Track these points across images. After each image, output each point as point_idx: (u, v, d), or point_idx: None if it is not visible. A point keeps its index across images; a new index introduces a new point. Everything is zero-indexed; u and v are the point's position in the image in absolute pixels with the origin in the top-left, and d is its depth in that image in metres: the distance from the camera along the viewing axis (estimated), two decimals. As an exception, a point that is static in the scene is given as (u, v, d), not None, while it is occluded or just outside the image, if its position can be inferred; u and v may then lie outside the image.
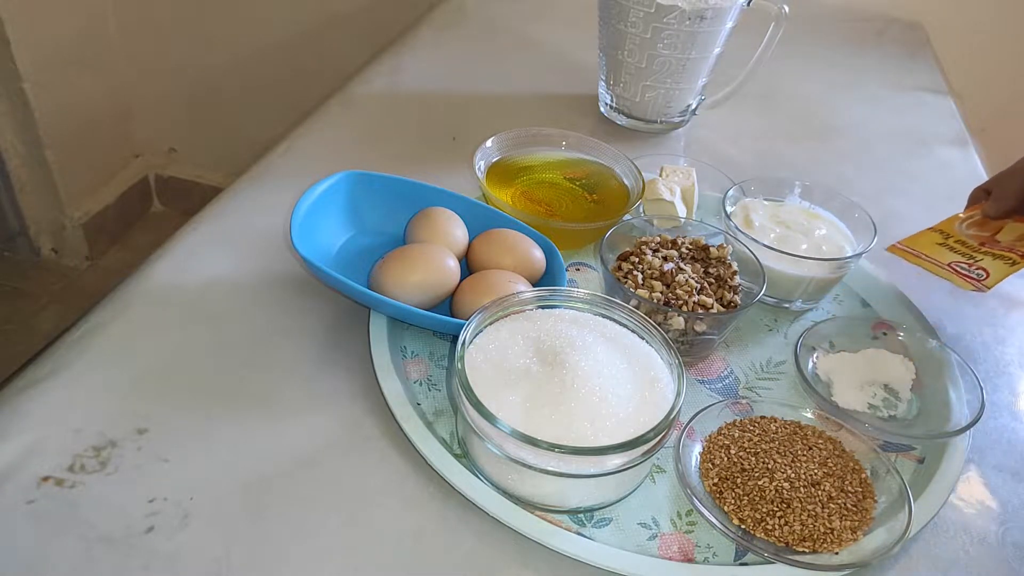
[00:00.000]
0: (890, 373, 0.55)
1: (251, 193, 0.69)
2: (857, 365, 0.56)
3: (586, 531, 0.44)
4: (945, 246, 0.61)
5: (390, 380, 0.50)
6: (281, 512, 0.44)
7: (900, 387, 0.55)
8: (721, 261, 0.57)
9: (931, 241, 0.62)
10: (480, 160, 0.67)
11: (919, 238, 0.62)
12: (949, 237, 0.61)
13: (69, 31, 1.52)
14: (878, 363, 0.56)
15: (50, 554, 0.40)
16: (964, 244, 0.60)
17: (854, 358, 0.56)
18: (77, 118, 1.58)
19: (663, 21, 0.73)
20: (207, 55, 1.64)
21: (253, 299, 0.57)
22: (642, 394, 0.45)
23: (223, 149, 1.74)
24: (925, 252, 0.60)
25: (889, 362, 0.56)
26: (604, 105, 0.86)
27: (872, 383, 0.55)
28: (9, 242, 1.67)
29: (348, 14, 1.50)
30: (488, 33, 1.03)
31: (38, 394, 0.48)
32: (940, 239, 0.61)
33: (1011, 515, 0.49)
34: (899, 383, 0.55)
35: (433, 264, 0.53)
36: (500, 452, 0.43)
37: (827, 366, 0.56)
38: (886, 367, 0.55)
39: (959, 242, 0.60)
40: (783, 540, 0.44)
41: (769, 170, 0.77)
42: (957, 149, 0.89)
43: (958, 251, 0.60)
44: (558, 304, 0.51)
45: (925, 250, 0.60)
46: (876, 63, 1.07)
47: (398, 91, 0.87)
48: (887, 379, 0.55)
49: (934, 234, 0.62)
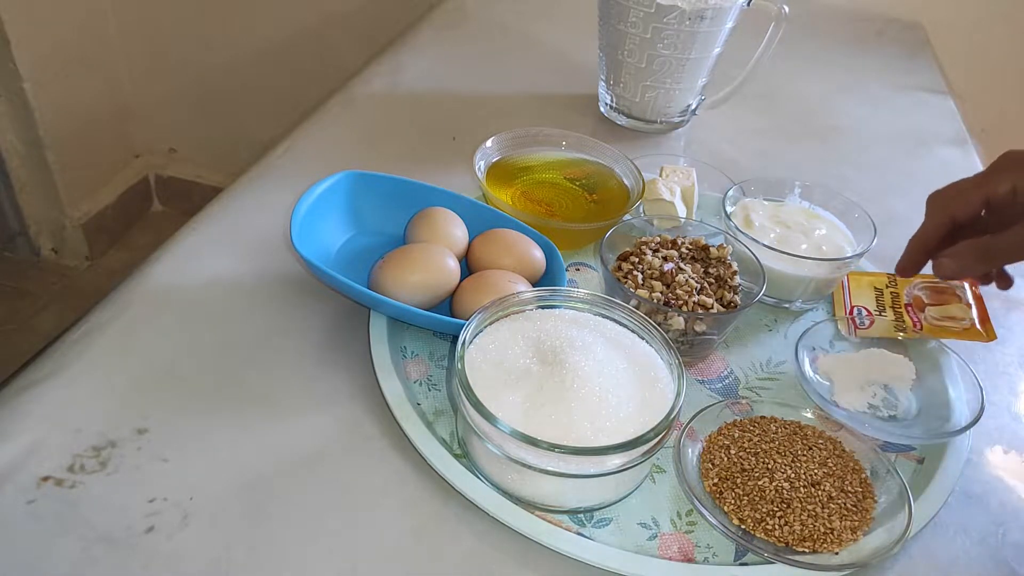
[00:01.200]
0: (890, 373, 0.55)
1: (251, 193, 0.69)
2: (857, 365, 0.56)
3: (586, 531, 0.44)
4: (874, 291, 0.61)
5: (390, 380, 0.50)
6: (281, 512, 0.44)
7: (900, 387, 0.55)
8: (721, 261, 0.57)
9: (869, 284, 0.62)
10: (480, 160, 0.67)
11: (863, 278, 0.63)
12: (888, 287, 0.62)
13: (69, 31, 1.52)
14: (878, 363, 0.56)
15: (50, 554, 0.40)
16: (895, 298, 0.60)
17: (854, 358, 0.56)
18: (77, 118, 1.58)
19: (663, 21, 0.73)
20: (207, 55, 1.64)
21: (253, 299, 0.57)
22: (642, 394, 0.45)
23: (223, 149, 1.74)
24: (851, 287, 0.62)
25: (889, 362, 0.56)
26: (604, 105, 0.86)
27: (872, 383, 0.55)
28: (9, 242, 1.67)
29: (348, 14, 1.50)
30: (488, 33, 1.03)
31: (38, 394, 0.48)
32: (879, 285, 0.62)
33: (1011, 515, 0.49)
34: (899, 383, 0.55)
35: (433, 264, 0.53)
36: (500, 452, 0.43)
37: (827, 366, 0.56)
38: (886, 367, 0.55)
39: (893, 294, 0.61)
40: (783, 540, 0.44)
41: (769, 170, 0.77)
42: (957, 149, 0.89)
43: (879, 301, 0.60)
44: (558, 304, 0.51)
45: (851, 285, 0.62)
46: (876, 63, 1.07)
47: (398, 91, 0.87)
48: (887, 379, 0.55)
49: (879, 278, 0.63)
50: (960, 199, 0.52)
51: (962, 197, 0.52)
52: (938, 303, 0.60)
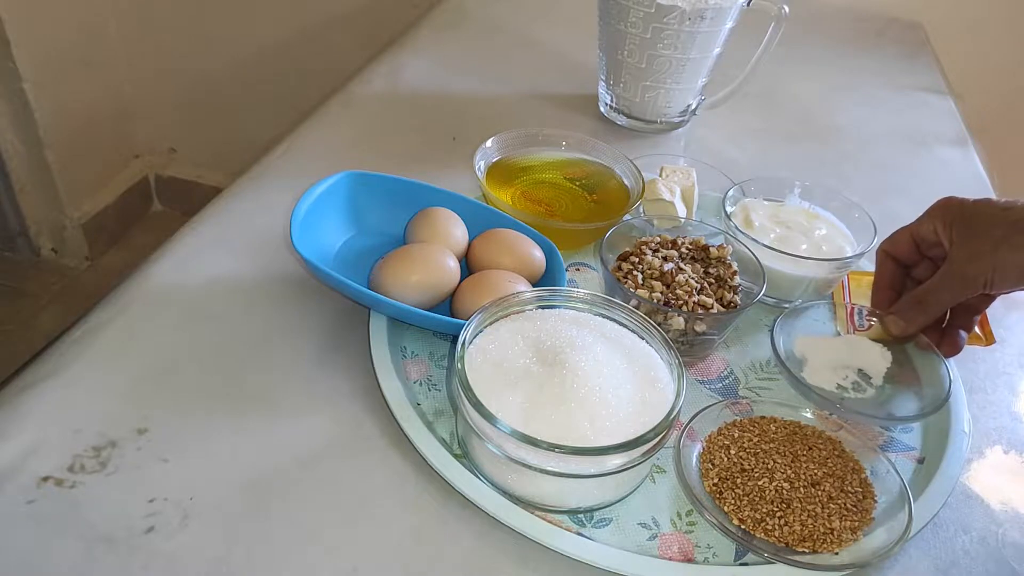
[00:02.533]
0: (865, 359, 0.56)
1: (251, 193, 0.69)
2: (834, 347, 0.56)
3: (586, 531, 0.44)
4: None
5: (390, 380, 0.50)
6: (281, 512, 0.44)
7: (874, 374, 0.55)
8: (721, 261, 0.57)
9: (869, 284, 0.62)
10: (480, 160, 0.67)
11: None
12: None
13: (69, 31, 1.52)
14: (855, 348, 0.56)
15: (50, 554, 0.40)
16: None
17: (833, 341, 0.57)
18: (77, 118, 1.59)
19: (663, 21, 0.73)
20: (207, 55, 1.64)
21: (253, 299, 0.57)
22: (642, 394, 0.45)
23: (223, 149, 1.74)
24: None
25: (867, 349, 0.56)
26: (604, 105, 0.86)
27: (846, 366, 0.55)
28: (9, 242, 1.67)
29: (348, 14, 1.50)
30: (488, 33, 1.03)
31: (38, 394, 0.48)
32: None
33: (1011, 515, 0.49)
34: (873, 369, 0.55)
35: (433, 264, 0.53)
36: (500, 452, 0.43)
37: (804, 345, 0.56)
38: (863, 353, 0.56)
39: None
40: (783, 540, 0.44)
41: (769, 170, 0.77)
42: (957, 149, 0.89)
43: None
44: (558, 304, 0.51)
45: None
46: (876, 63, 1.07)
47: (398, 91, 0.87)
48: (862, 364, 0.55)
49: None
50: (896, 240, 0.56)
51: (898, 238, 0.56)
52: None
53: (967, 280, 0.51)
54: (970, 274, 0.51)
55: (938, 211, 0.54)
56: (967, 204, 0.53)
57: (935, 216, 0.54)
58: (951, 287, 0.52)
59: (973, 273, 0.50)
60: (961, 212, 0.52)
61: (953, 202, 0.53)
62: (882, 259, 0.57)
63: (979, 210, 0.52)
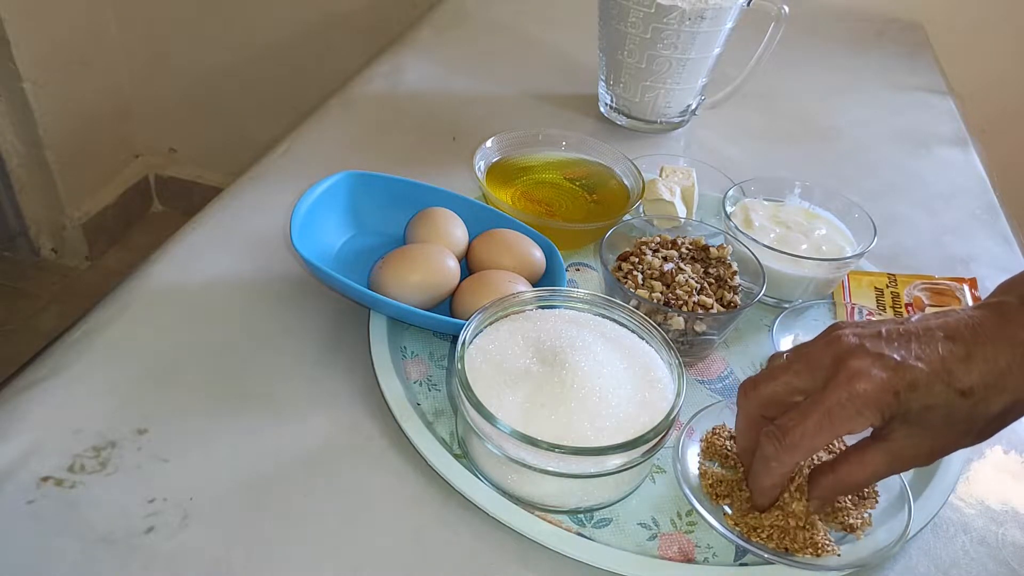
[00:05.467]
0: None
1: (251, 193, 0.69)
2: None
3: (586, 531, 0.44)
4: (874, 291, 0.61)
5: (390, 380, 0.50)
6: (281, 512, 0.44)
7: None
8: (721, 261, 0.57)
9: (869, 284, 0.62)
10: (480, 160, 0.67)
11: None
12: (889, 287, 0.62)
13: (69, 31, 1.52)
14: None
15: (50, 554, 0.40)
16: (896, 299, 0.60)
17: None
18: (77, 118, 1.59)
19: (663, 21, 0.73)
20: (207, 55, 1.64)
21: (253, 299, 0.57)
22: (642, 394, 0.45)
23: (223, 149, 1.74)
24: None
25: None
26: (604, 105, 0.86)
27: None
28: (9, 242, 1.67)
29: (348, 14, 1.50)
30: (488, 33, 1.03)
31: (38, 394, 0.48)
32: (879, 285, 0.62)
33: (1011, 515, 0.49)
34: None
35: (433, 264, 0.53)
36: (500, 452, 0.43)
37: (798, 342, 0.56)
38: None
39: (894, 294, 0.61)
40: (783, 547, 0.43)
41: (769, 170, 0.77)
42: (957, 149, 0.89)
43: (879, 301, 0.60)
44: (558, 304, 0.51)
45: None
46: (876, 63, 1.07)
47: (398, 91, 0.87)
48: None
49: (879, 278, 0.63)
50: (770, 401, 0.43)
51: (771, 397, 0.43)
52: (938, 304, 0.60)
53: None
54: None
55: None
56: None
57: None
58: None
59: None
60: None
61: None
62: (754, 416, 0.44)
63: None
